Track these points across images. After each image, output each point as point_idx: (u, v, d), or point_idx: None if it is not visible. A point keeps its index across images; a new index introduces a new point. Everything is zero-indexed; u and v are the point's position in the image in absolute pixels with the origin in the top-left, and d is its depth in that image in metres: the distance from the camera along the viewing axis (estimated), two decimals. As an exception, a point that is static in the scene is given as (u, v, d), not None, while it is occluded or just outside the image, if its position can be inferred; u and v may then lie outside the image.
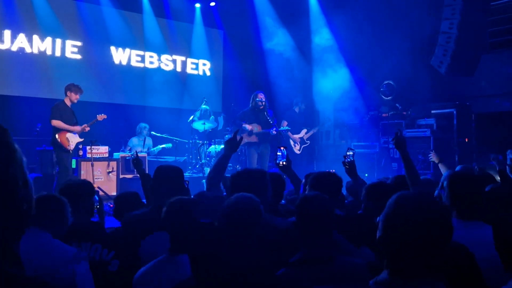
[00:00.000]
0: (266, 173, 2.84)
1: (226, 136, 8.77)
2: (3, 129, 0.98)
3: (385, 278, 1.38)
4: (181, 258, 2.18)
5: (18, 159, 0.95)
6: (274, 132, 7.48)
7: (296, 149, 8.73)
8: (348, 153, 3.64)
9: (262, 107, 7.56)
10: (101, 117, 7.19)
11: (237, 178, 2.74)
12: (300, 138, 8.83)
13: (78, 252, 2.24)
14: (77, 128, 6.91)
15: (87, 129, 7.00)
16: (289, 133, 8.52)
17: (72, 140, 6.83)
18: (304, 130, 8.90)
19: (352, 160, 3.63)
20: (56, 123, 6.77)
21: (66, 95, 6.95)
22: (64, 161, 6.78)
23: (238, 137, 3.28)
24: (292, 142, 8.78)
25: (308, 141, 8.95)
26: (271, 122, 7.48)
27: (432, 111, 8.85)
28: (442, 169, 5.33)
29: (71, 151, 6.87)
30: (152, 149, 8.97)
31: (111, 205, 6.16)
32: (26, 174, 0.97)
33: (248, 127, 7.48)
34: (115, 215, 3.39)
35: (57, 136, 6.75)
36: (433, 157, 5.50)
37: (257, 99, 7.56)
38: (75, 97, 6.95)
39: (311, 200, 2.19)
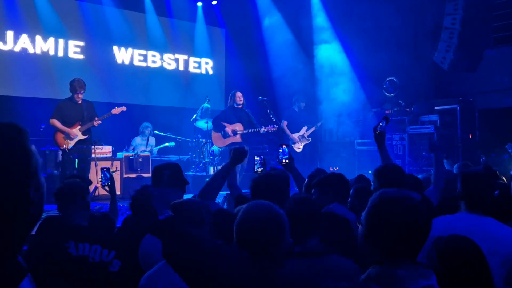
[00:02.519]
0: (289, 176, 2.79)
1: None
2: (20, 130, 0.94)
3: (375, 273, 1.47)
4: None
5: (33, 164, 0.92)
6: (265, 130, 7.55)
7: (296, 147, 8.67)
8: (380, 124, 3.72)
9: (240, 106, 7.68)
10: (118, 110, 6.91)
11: (258, 182, 2.63)
12: (300, 136, 8.77)
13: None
14: (73, 131, 6.58)
15: (96, 123, 6.72)
16: (288, 132, 8.48)
17: (69, 139, 6.56)
18: (305, 128, 8.87)
19: (383, 131, 3.70)
20: (52, 122, 6.59)
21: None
22: (63, 162, 6.57)
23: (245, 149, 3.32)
24: (291, 141, 8.75)
25: (310, 138, 8.93)
26: (254, 121, 7.64)
27: (436, 108, 8.82)
28: (447, 165, 5.32)
29: (67, 150, 6.55)
30: (155, 148, 8.99)
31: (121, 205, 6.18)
32: (39, 178, 0.93)
33: (228, 131, 7.56)
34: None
35: (54, 136, 6.57)
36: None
37: (236, 98, 7.68)
38: (77, 96, 6.64)
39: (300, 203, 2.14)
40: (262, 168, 3.67)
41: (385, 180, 3.00)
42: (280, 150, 3.67)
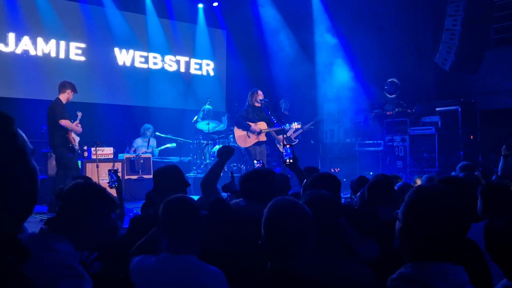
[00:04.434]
0: (274, 173, 2.86)
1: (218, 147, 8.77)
2: (8, 117, 0.96)
3: (409, 270, 1.45)
4: (183, 258, 2.09)
5: (20, 146, 0.93)
6: (289, 128, 7.54)
7: (281, 148, 8.59)
8: (284, 153, 3.70)
9: (260, 105, 7.60)
10: (79, 114, 6.72)
11: (247, 179, 2.77)
12: (286, 137, 8.71)
13: None
14: (79, 128, 6.52)
15: (79, 126, 6.61)
16: (274, 134, 8.37)
17: (76, 139, 6.50)
18: (292, 130, 8.86)
19: (292, 158, 3.67)
20: (65, 122, 6.32)
21: (62, 92, 6.46)
22: (73, 162, 6.42)
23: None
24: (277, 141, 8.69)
25: (297, 140, 8.90)
26: (274, 119, 7.52)
27: (437, 109, 8.83)
28: (502, 163, 5.19)
29: (79, 151, 6.60)
30: (156, 149, 9.00)
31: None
32: (30, 160, 0.94)
33: (256, 128, 7.49)
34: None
35: (67, 135, 6.36)
36: (504, 151, 5.35)
37: (259, 96, 7.57)
38: (71, 97, 6.54)
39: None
40: (292, 158, 3.73)
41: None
42: (285, 151, 3.69)
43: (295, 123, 7.71)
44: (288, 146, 3.71)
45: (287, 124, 7.58)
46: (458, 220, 1.44)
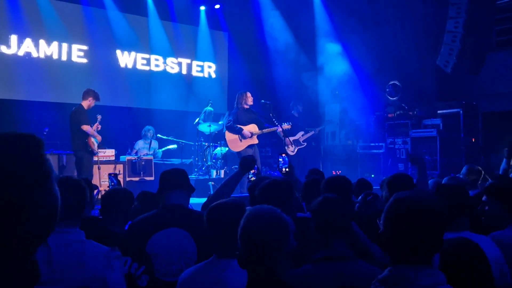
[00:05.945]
0: (291, 184, 2.84)
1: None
2: (39, 140, 0.97)
3: (387, 274, 1.50)
4: (228, 262, 2.02)
5: (46, 170, 0.95)
6: (281, 129, 7.51)
7: (290, 150, 8.54)
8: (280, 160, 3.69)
9: (249, 107, 7.57)
10: (99, 117, 7.18)
11: (265, 189, 2.69)
12: (295, 140, 8.69)
13: (110, 251, 2.16)
14: (99, 137, 7.02)
15: (100, 127, 7.07)
16: (282, 134, 8.35)
17: (95, 142, 6.98)
18: (301, 133, 8.82)
19: (288, 167, 3.66)
20: (86, 128, 6.82)
21: (85, 99, 6.94)
22: (92, 165, 6.99)
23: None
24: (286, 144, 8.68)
25: (305, 143, 8.88)
26: (269, 120, 7.53)
27: (439, 111, 8.82)
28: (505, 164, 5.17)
29: (98, 152, 7.16)
30: (157, 151, 9.01)
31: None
32: (52, 186, 0.96)
33: (248, 132, 7.44)
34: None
35: (87, 140, 6.85)
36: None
37: (248, 99, 7.52)
38: (93, 104, 7.04)
39: (329, 203, 2.12)
40: (287, 167, 3.72)
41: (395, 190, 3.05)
42: (280, 159, 3.70)
43: (285, 123, 7.69)
44: (284, 154, 3.72)
45: (279, 125, 7.52)
46: (434, 225, 1.50)
